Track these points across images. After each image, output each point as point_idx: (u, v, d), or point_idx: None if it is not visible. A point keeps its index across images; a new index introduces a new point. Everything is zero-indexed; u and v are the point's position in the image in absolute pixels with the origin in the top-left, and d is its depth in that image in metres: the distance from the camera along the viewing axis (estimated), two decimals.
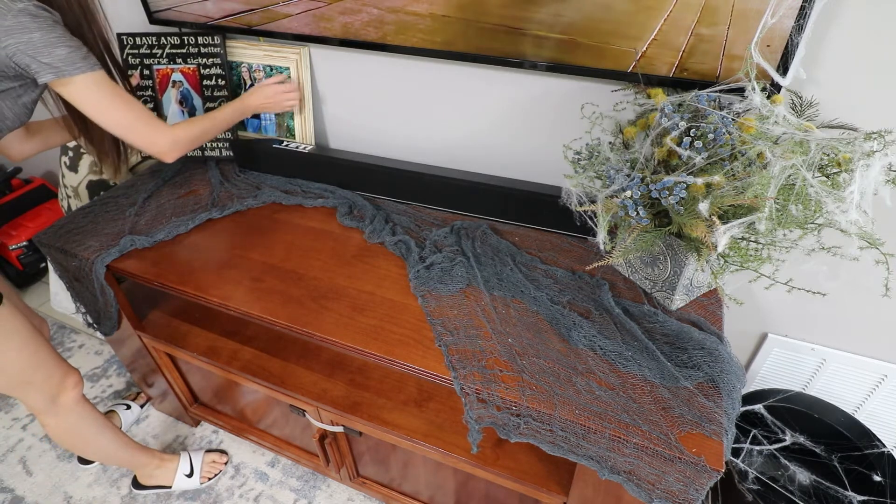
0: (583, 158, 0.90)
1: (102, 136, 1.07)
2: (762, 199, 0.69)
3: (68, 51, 0.85)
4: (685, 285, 0.89)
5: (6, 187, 1.99)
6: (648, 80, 0.92)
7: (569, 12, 0.91)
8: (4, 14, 0.80)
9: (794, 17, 0.78)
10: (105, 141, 1.09)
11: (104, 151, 1.11)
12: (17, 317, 1.01)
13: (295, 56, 1.23)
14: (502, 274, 0.99)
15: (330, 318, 0.94)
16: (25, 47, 0.82)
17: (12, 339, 1.00)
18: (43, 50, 0.83)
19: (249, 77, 1.30)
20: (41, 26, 0.82)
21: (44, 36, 0.83)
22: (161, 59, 1.29)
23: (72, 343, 1.84)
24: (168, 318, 1.29)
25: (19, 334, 1.01)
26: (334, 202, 1.22)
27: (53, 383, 1.09)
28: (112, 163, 1.13)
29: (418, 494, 1.24)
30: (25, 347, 1.03)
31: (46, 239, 1.14)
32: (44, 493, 1.41)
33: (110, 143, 1.10)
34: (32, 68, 0.84)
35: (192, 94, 1.32)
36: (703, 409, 0.75)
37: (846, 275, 1.02)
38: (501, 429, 0.82)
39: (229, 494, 1.40)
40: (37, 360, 1.05)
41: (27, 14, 0.81)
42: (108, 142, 1.09)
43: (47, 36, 0.83)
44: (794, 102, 0.84)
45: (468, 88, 1.12)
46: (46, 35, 0.83)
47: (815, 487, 1.10)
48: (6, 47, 0.81)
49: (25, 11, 0.81)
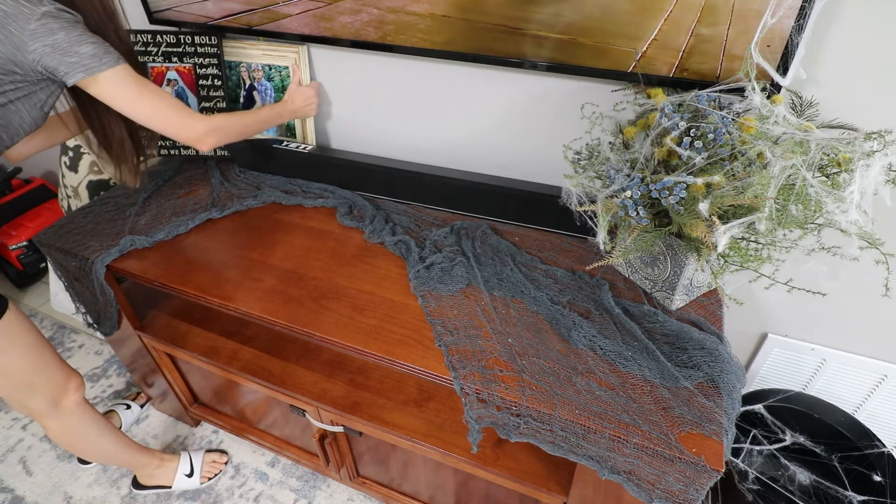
0: (583, 158, 0.90)
1: (122, 141, 1.07)
2: (762, 199, 0.69)
3: (93, 48, 0.85)
4: (685, 285, 0.89)
5: (6, 187, 1.99)
6: (648, 80, 0.92)
7: (569, 12, 0.91)
8: (28, 19, 0.80)
9: (794, 17, 0.78)
10: (124, 147, 1.08)
11: (123, 158, 1.10)
12: (22, 321, 1.01)
13: (293, 55, 1.23)
14: (502, 274, 0.99)
15: (330, 318, 0.94)
16: (52, 50, 0.82)
17: (17, 344, 1.00)
18: (69, 49, 0.82)
19: (248, 77, 1.30)
20: (63, 26, 0.82)
21: (67, 35, 0.82)
22: (156, 56, 1.28)
23: (72, 343, 1.84)
24: (168, 318, 1.30)
25: (24, 339, 1.01)
26: (334, 202, 1.22)
27: (56, 387, 1.09)
28: (131, 168, 1.12)
29: (418, 494, 1.24)
30: (30, 352, 1.03)
31: (46, 239, 1.14)
32: (44, 493, 1.41)
33: (130, 148, 1.09)
34: (61, 70, 0.84)
35: (188, 93, 1.31)
36: (703, 409, 0.75)
37: (846, 275, 1.02)
38: (501, 429, 0.82)
39: (229, 494, 1.40)
40: (41, 365, 1.05)
41: (50, 17, 0.81)
42: (127, 147, 1.09)
43: (70, 35, 0.83)
44: (794, 102, 0.84)
45: (468, 88, 1.12)
46: (69, 34, 0.83)
47: (815, 487, 1.10)
48: (34, 51, 0.81)
49: (48, 14, 0.81)
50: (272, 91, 1.30)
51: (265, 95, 1.31)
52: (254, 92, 1.32)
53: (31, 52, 0.81)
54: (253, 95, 1.32)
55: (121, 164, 1.10)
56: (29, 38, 0.80)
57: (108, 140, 1.06)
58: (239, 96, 1.33)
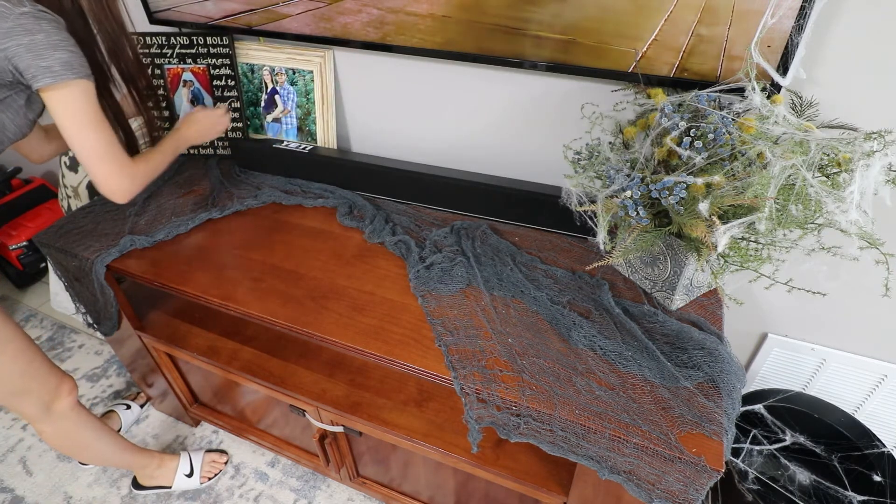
0: (583, 158, 0.90)
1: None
2: (762, 199, 0.69)
3: (69, 56, 0.83)
4: (685, 285, 0.89)
5: (6, 187, 1.99)
6: (648, 81, 0.92)
7: (569, 12, 0.91)
8: (6, 17, 0.79)
9: (794, 17, 0.78)
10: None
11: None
12: (10, 326, 1.00)
13: (319, 59, 1.22)
14: (502, 274, 0.99)
15: (330, 318, 0.94)
16: (26, 50, 0.80)
17: (6, 349, 0.99)
18: (44, 53, 0.80)
19: (271, 80, 1.29)
20: (44, 28, 0.80)
21: (48, 38, 0.81)
22: (171, 58, 1.29)
23: (72, 343, 1.84)
24: (168, 318, 1.29)
25: (13, 343, 1.00)
26: (334, 202, 1.22)
27: (48, 391, 1.08)
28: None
29: (418, 494, 1.24)
30: (20, 357, 1.02)
31: (46, 239, 1.14)
32: (44, 493, 1.41)
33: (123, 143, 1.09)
34: (29, 73, 0.81)
35: (203, 93, 1.32)
36: (703, 409, 0.75)
37: (846, 275, 1.02)
38: (501, 429, 0.82)
39: (229, 494, 1.40)
40: (32, 369, 1.04)
41: (30, 17, 0.80)
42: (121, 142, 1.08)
43: (51, 38, 0.81)
44: (794, 102, 0.84)
45: (468, 88, 1.12)
46: (50, 37, 0.81)
47: (815, 487, 1.10)
48: (5, 49, 0.79)
49: (28, 14, 0.80)
50: (294, 95, 1.28)
51: (286, 100, 1.30)
52: (275, 95, 1.31)
53: (3, 49, 0.79)
54: (274, 99, 1.31)
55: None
56: (3, 36, 0.78)
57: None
58: (260, 99, 1.32)
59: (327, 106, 1.27)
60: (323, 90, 1.25)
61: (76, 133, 0.88)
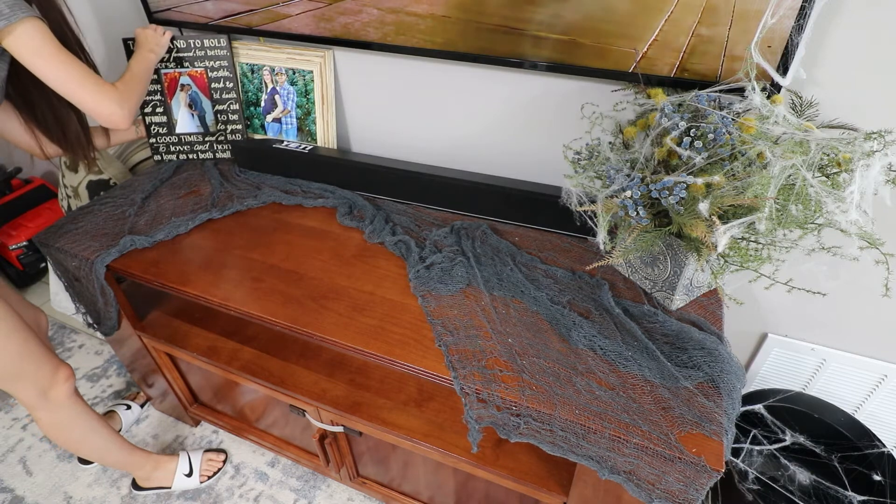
0: (583, 158, 0.90)
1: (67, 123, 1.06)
2: (762, 199, 0.69)
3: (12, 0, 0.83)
4: (685, 285, 0.89)
5: (6, 187, 1.99)
6: (649, 81, 0.92)
7: (569, 13, 0.91)
8: None
9: (794, 18, 0.78)
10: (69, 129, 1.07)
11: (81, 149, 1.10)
12: (2, 305, 0.99)
13: (319, 59, 1.22)
14: (502, 274, 0.99)
15: (330, 318, 0.94)
16: None
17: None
18: None
19: (271, 80, 1.29)
20: None
21: None
22: (168, 62, 1.28)
23: (72, 343, 1.84)
24: (168, 318, 1.29)
25: (6, 322, 0.99)
26: (334, 202, 1.22)
27: (44, 376, 1.08)
28: (83, 153, 1.12)
29: (418, 494, 1.24)
30: (12, 338, 1.01)
31: (46, 239, 1.14)
32: (44, 493, 1.41)
33: (73, 134, 1.08)
34: None
35: (201, 96, 1.31)
36: (703, 409, 0.75)
37: (846, 275, 1.02)
38: (501, 429, 0.82)
39: (229, 494, 1.40)
40: (25, 352, 1.03)
41: None
42: (71, 130, 1.08)
43: None
44: (794, 102, 0.84)
45: (468, 88, 1.12)
46: None
47: (815, 487, 1.10)
48: None
49: None
50: (294, 95, 1.29)
51: (286, 100, 1.30)
52: (275, 95, 1.31)
53: None
54: (274, 99, 1.31)
55: (77, 155, 1.12)
56: None
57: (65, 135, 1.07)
58: (260, 99, 1.32)
59: (327, 106, 1.27)
60: (323, 90, 1.25)
61: (46, 66, 0.90)
